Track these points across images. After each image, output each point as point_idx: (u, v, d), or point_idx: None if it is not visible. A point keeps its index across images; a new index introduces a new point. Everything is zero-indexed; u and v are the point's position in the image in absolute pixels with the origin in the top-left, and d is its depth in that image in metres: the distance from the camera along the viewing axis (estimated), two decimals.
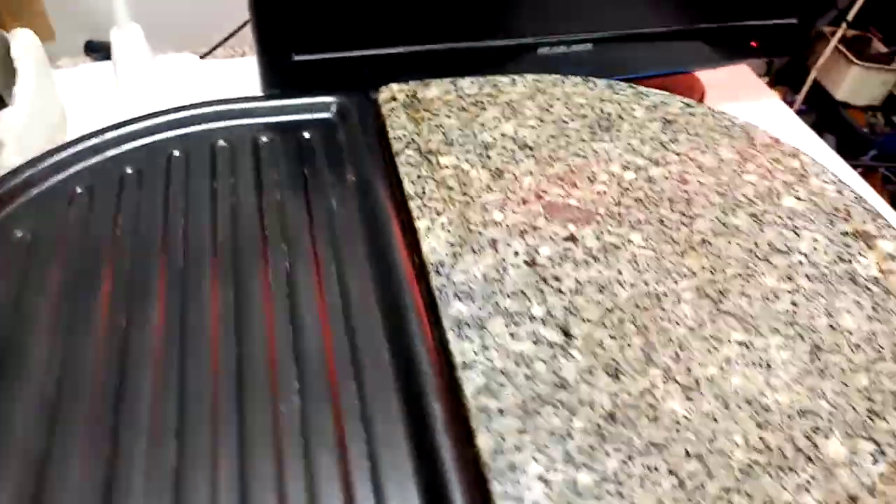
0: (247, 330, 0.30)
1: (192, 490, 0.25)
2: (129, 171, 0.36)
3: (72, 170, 0.35)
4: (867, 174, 1.41)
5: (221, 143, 0.37)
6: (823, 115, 1.49)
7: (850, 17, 1.23)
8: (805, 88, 1.27)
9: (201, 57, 0.64)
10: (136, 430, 0.27)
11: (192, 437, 0.27)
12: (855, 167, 1.52)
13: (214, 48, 0.65)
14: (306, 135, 0.39)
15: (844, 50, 1.41)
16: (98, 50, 0.64)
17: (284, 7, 0.49)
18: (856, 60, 1.40)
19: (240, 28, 0.63)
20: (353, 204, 0.35)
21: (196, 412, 0.28)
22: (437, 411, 0.27)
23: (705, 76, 0.69)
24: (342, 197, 0.35)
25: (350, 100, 0.40)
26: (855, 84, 1.43)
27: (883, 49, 1.43)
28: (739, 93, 0.71)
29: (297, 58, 0.52)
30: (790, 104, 1.37)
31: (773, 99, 0.71)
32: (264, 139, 0.38)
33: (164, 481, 0.26)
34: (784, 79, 1.45)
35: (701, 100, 0.67)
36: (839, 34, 1.25)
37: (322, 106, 0.40)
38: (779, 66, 1.43)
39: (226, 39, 0.64)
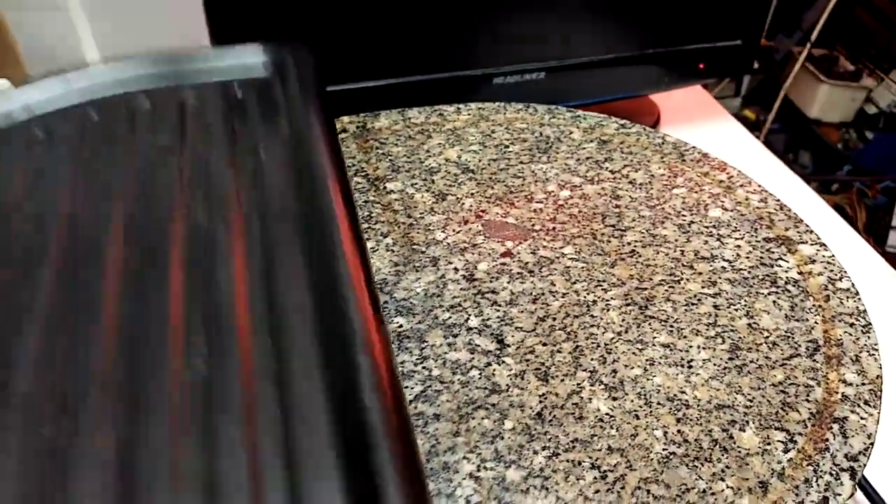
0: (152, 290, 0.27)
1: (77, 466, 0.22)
2: (39, 134, 0.35)
3: None
4: (843, 189, 1.43)
5: (147, 106, 0.35)
6: (797, 133, 1.52)
7: (814, 37, 1.27)
8: (775, 107, 1.30)
9: None
10: (12, 405, 0.23)
11: (79, 404, 0.23)
12: (830, 182, 1.55)
13: None
14: (240, 94, 0.37)
15: (813, 69, 1.45)
16: None
17: (237, 40, 0.52)
18: (824, 79, 1.44)
19: None
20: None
21: (84, 377, 0.24)
22: (374, 414, 0.29)
23: (661, 100, 0.72)
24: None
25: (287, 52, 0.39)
26: (825, 101, 1.47)
27: (850, 67, 1.46)
28: (695, 114, 0.74)
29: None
30: (762, 124, 1.40)
31: (728, 119, 0.74)
32: (191, 100, 0.36)
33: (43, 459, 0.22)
34: (756, 99, 1.49)
35: (656, 123, 0.70)
36: (804, 54, 1.29)
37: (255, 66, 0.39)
38: (750, 87, 1.46)
39: None
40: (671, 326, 0.32)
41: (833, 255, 0.36)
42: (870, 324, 0.33)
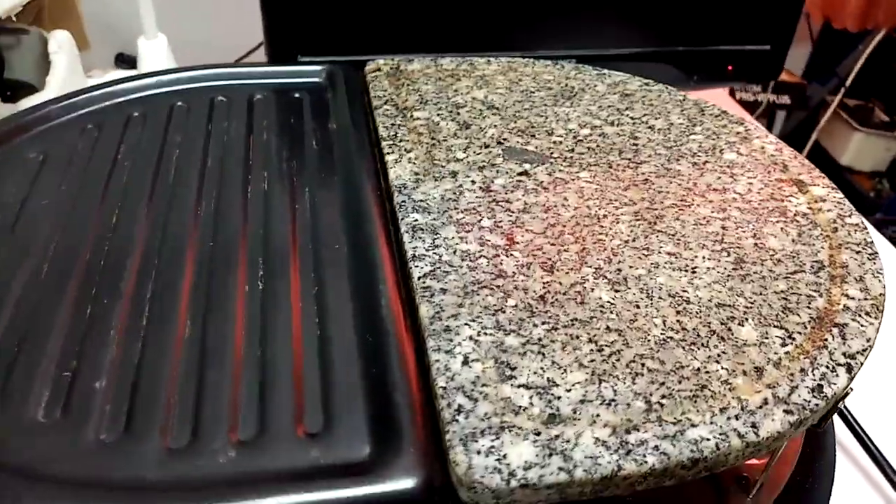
0: (222, 230, 0.34)
1: (157, 342, 0.28)
2: (135, 113, 0.40)
3: (84, 110, 0.40)
4: None
5: (220, 97, 0.42)
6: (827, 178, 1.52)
7: (849, 83, 1.28)
8: (806, 150, 1.31)
9: None
10: (115, 295, 0.30)
11: (164, 306, 0.30)
12: None
13: (239, 60, 0.71)
14: (297, 94, 0.43)
15: (847, 117, 1.46)
16: (128, 62, 0.71)
17: (292, 13, 0.55)
18: (858, 127, 1.44)
19: (262, 43, 0.69)
20: (332, 145, 0.39)
21: (170, 292, 0.31)
22: (386, 292, 0.31)
23: None
24: (323, 139, 0.40)
25: (339, 67, 0.45)
26: (859, 150, 1.47)
27: (885, 118, 1.47)
28: None
29: (302, 59, 0.57)
30: None
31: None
32: (259, 96, 0.43)
33: (135, 334, 0.29)
34: (788, 143, 1.49)
35: None
36: (838, 98, 1.30)
37: (313, 73, 0.45)
38: (783, 131, 1.47)
39: (250, 52, 0.70)
40: (678, 240, 0.33)
41: (843, 198, 0.37)
42: (876, 253, 0.33)
